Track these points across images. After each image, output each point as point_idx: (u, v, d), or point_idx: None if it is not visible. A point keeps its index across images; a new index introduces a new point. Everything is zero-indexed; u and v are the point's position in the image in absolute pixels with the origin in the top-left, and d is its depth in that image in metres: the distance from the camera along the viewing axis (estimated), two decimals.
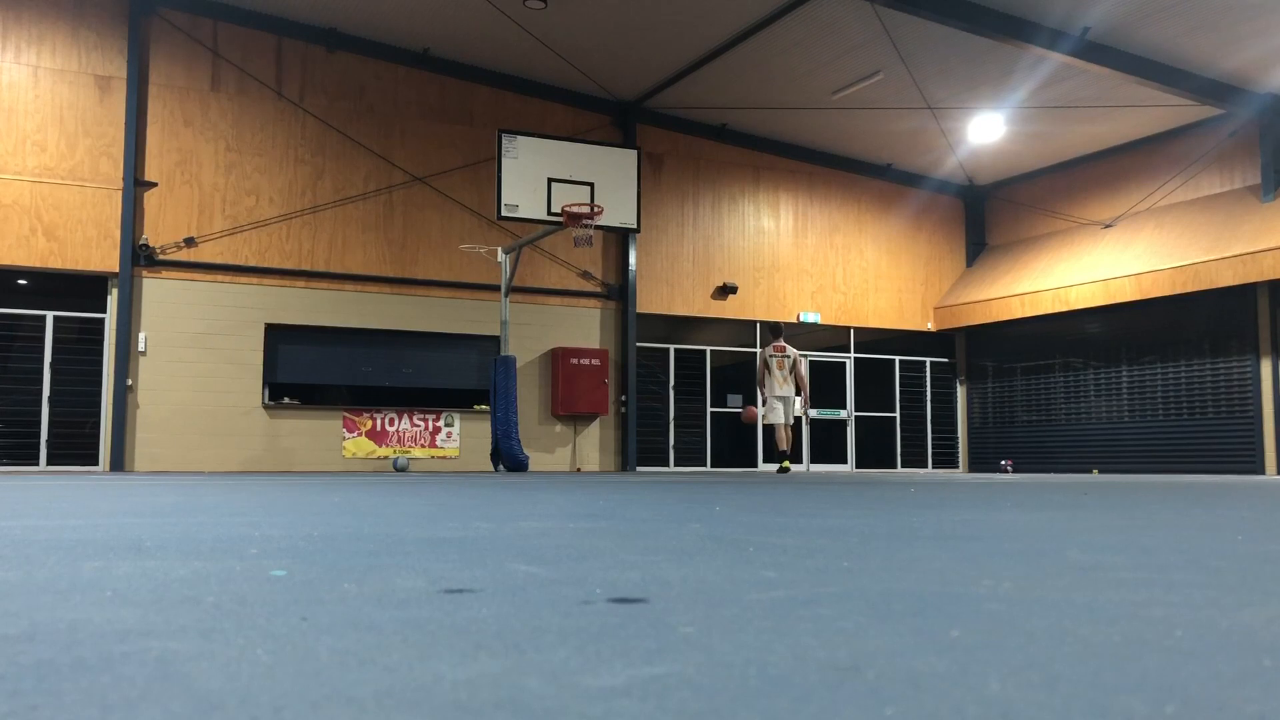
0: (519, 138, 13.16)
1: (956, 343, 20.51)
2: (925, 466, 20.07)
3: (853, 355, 19.59)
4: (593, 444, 16.99)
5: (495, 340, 16.12)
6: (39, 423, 13.80)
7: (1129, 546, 2.12)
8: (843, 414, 19.45)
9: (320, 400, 15.39)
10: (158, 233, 14.48)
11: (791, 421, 14.60)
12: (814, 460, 19.11)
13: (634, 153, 13.99)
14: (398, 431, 15.68)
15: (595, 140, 15.27)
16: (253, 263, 14.95)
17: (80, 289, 14.17)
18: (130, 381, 14.11)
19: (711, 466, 18.05)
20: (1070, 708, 0.71)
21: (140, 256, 14.29)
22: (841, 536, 2.34)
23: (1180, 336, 16.79)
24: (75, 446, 13.97)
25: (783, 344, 14.70)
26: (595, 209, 13.01)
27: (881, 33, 14.30)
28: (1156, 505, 4.20)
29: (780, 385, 14.54)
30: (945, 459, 20.32)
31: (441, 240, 16.15)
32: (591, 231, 12.93)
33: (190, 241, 14.65)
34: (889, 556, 1.85)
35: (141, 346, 14.21)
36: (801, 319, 18.89)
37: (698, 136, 18.21)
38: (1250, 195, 16.09)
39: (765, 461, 18.63)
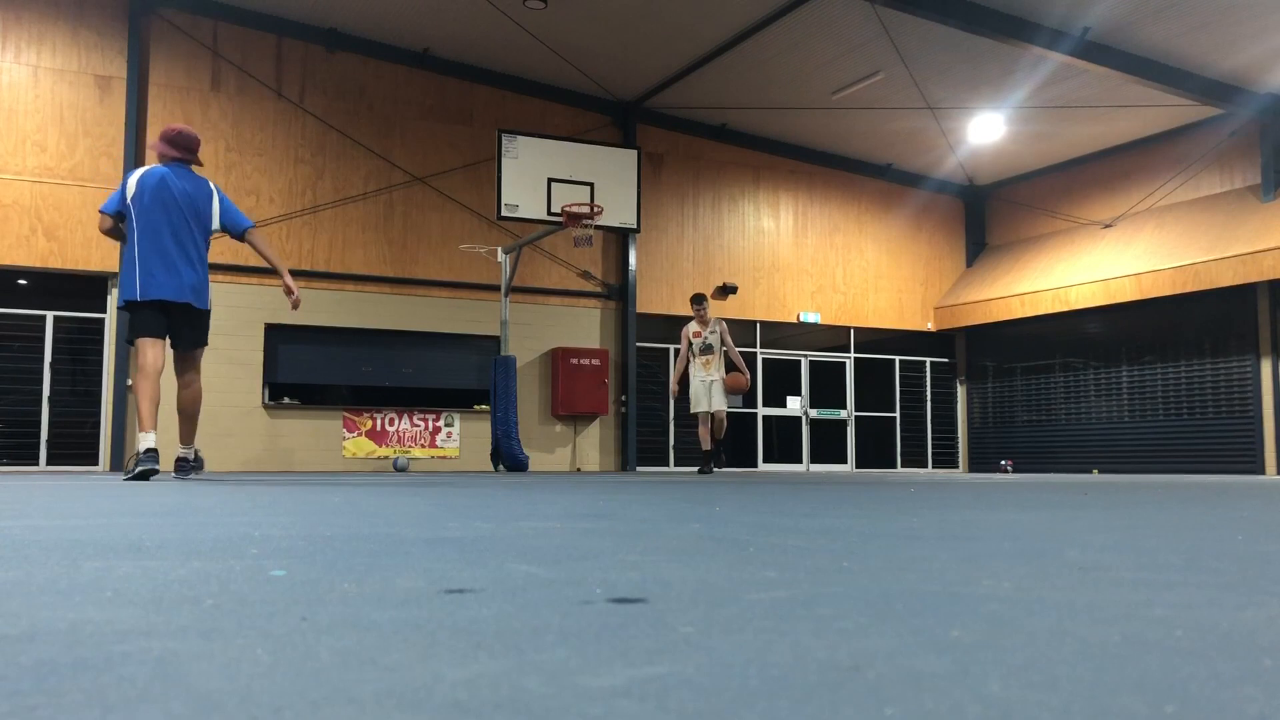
0: (519, 138, 13.16)
1: (956, 343, 20.51)
2: (925, 466, 20.07)
3: (853, 355, 19.59)
4: (593, 444, 16.99)
5: (495, 340, 16.12)
6: (39, 423, 13.80)
7: (1129, 546, 2.12)
8: (842, 414, 19.45)
9: (320, 400, 15.39)
10: None
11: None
12: (814, 460, 19.11)
13: (634, 153, 13.99)
14: (398, 431, 15.68)
15: (595, 140, 15.27)
16: (252, 262, 14.94)
17: (80, 289, 14.17)
18: (130, 381, 14.10)
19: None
20: (1070, 708, 0.71)
21: None
22: (841, 536, 2.34)
23: (1180, 336, 16.79)
24: (75, 446, 13.97)
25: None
26: (595, 209, 13.01)
27: (881, 33, 14.30)
28: (1156, 505, 4.20)
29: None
30: (945, 459, 20.31)
31: (441, 240, 16.15)
32: (591, 231, 12.93)
33: None
34: (889, 556, 1.85)
35: None
36: (801, 319, 18.89)
37: (698, 136, 18.21)
38: (1250, 195, 16.09)
39: (765, 461, 18.64)
